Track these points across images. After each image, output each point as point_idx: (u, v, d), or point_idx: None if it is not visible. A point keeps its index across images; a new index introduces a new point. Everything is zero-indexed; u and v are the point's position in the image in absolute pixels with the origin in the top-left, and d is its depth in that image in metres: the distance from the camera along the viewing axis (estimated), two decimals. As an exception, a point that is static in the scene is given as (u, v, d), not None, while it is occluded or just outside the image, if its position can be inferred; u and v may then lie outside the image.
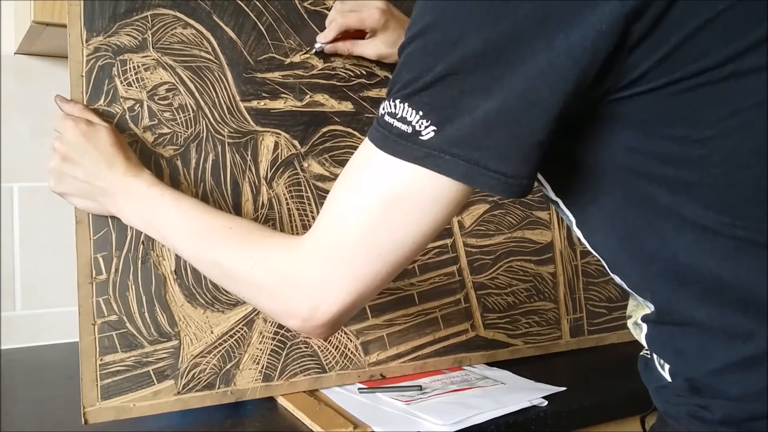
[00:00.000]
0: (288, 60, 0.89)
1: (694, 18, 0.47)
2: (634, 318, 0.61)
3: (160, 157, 0.81)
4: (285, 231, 0.87)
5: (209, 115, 0.84)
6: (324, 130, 0.91)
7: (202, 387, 0.81)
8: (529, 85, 0.48)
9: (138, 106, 0.80)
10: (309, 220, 0.89)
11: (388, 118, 0.53)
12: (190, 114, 0.83)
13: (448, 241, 0.99)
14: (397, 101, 0.52)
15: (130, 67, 0.80)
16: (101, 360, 0.76)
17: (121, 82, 0.79)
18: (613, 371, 0.99)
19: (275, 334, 0.85)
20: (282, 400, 0.84)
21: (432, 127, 0.51)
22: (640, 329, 0.59)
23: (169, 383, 0.79)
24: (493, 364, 1.01)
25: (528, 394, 0.85)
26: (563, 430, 0.83)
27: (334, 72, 0.92)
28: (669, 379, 0.57)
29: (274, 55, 0.88)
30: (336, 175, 0.87)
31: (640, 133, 0.51)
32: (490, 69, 0.48)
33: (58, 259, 1.18)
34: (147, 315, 0.79)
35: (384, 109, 0.54)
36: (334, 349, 0.89)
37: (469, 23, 0.48)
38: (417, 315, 0.95)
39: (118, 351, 0.77)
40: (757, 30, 0.47)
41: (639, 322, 0.59)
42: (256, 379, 0.84)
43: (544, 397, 0.84)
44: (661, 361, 0.58)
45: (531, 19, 0.47)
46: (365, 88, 0.94)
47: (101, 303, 0.77)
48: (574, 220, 0.60)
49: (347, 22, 0.89)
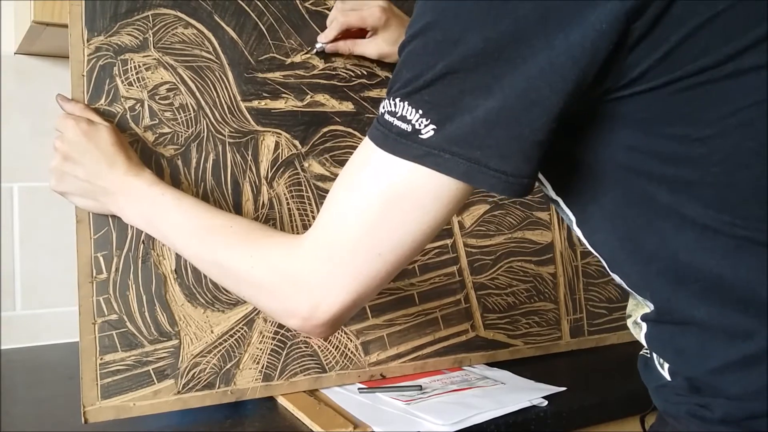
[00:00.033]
0: (289, 60, 0.89)
1: (694, 17, 0.47)
2: (634, 317, 0.61)
3: (160, 156, 0.81)
4: (285, 231, 0.87)
5: (210, 115, 0.84)
6: (325, 130, 0.91)
7: (202, 386, 0.81)
8: (529, 85, 0.48)
9: (139, 105, 0.80)
10: (309, 220, 0.89)
11: (388, 116, 0.53)
12: (190, 114, 0.83)
13: (449, 241, 0.99)
14: (397, 100, 0.52)
15: (131, 67, 0.80)
16: (101, 359, 0.76)
17: (122, 82, 0.79)
18: (613, 371, 0.99)
19: (275, 333, 0.85)
20: (282, 400, 0.84)
21: (432, 126, 0.51)
22: (639, 328, 0.59)
23: (169, 383, 0.79)
24: (493, 365, 1.01)
25: (528, 394, 0.85)
26: (563, 430, 0.83)
27: (335, 72, 0.92)
28: (669, 378, 0.57)
29: (275, 55, 0.89)
30: (336, 175, 0.87)
31: (640, 132, 0.51)
32: (491, 68, 0.48)
33: (58, 259, 1.18)
34: (147, 314, 0.79)
35: (384, 107, 0.54)
36: (334, 349, 0.89)
37: (470, 22, 0.48)
38: (417, 315, 0.95)
39: (119, 350, 0.77)
40: (757, 29, 0.47)
41: (639, 321, 0.59)
42: (256, 379, 0.84)
43: (544, 397, 0.84)
44: (660, 360, 0.58)
45: (531, 18, 0.47)
46: (366, 89, 0.94)
47: (101, 302, 0.77)
48: (574, 219, 0.60)
49: (348, 20, 0.89)
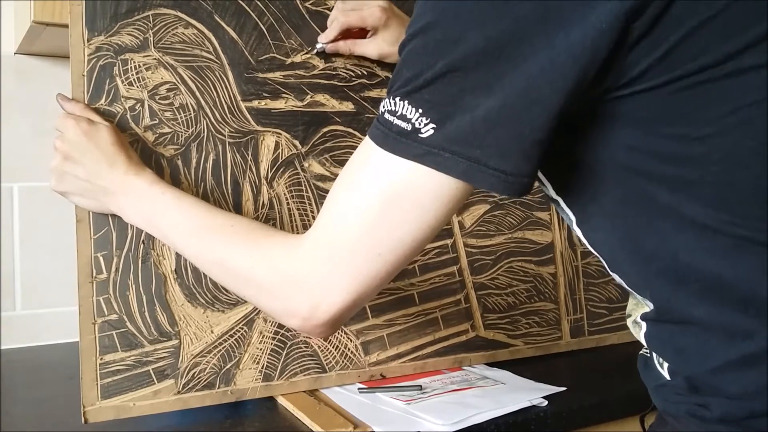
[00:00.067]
0: (289, 60, 0.89)
1: (694, 16, 0.47)
2: (634, 316, 0.61)
3: (160, 156, 0.81)
4: (285, 231, 0.87)
5: (210, 115, 0.84)
6: (325, 130, 0.91)
7: (202, 386, 0.81)
8: (530, 83, 0.48)
9: (139, 105, 0.80)
10: (309, 220, 0.89)
11: (388, 115, 0.53)
12: (191, 113, 0.83)
13: (449, 241, 0.99)
14: (397, 99, 0.52)
15: (131, 67, 0.80)
16: (101, 359, 0.76)
17: (123, 82, 0.80)
18: (613, 371, 0.99)
19: (275, 333, 0.85)
20: (282, 400, 0.84)
21: (432, 125, 0.51)
22: (639, 328, 0.59)
23: (169, 383, 0.79)
24: (493, 365, 1.01)
25: (528, 394, 0.85)
26: (563, 430, 0.83)
27: (335, 72, 0.92)
28: (668, 377, 0.57)
29: (275, 55, 0.89)
30: (336, 175, 0.87)
31: (640, 131, 0.51)
32: (492, 66, 0.48)
33: (58, 259, 1.18)
34: (147, 314, 0.79)
35: (384, 106, 0.54)
36: (334, 349, 0.89)
37: (471, 21, 0.48)
38: (417, 315, 0.95)
39: (119, 350, 0.77)
40: (756, 27, 0.47)
41: (638, 320, 0.59)
42: (256, 379, 0.84)
43: (544, 397, 0.84)
44: (660, 360, 0.58)
45: (532, 17, 0.47)
46: (366, 89, 0.94)
47: (101, 302, 0.77)
48: (574, 218, 0.60)
49: (348, 20, 0.89)
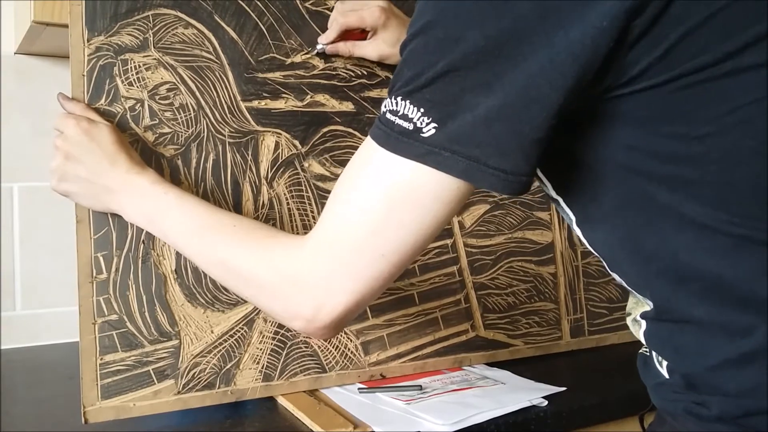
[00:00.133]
0: (289, 60, 0.89)
1: (694, 15, 0.47)
2: (634, 315, 0.61)
3: (160, 156, 0.81)
4: (285, 231, 0.87)
5: (210, 115, 0.84)
6: (325, 130, 0.91)
7: (202, 387, 0.81)
8: (529, 82, 0.48)
9: (139, 105, 0.80)
10: (309, 220, 0.89)
11: (389, 115, 0.53)
12: (191, 113, 0.83)
13: (449, 241, 0.99)
14: (399, 98, 0.52)
15: (131, 67, 0.80)
16: (101, 359, 0.76)
17: (122, 82, 0.80)
18: (613, 371, 0.99)
19: (275, 333, 0.85)
20: (282, 400, 0.84)
21: (433, 124, 0.51)
22: (639, 326, 0.59)
23: (169, 383, 0.79)
24: (493, 365, 1.01)
25: (528, 394, 0.85)
26: (563, 430, 0.83)
27: (335, 72, 0.92)
28: (667, 375, 0.57)
29: (275, 55, 0.89)
30: (337, 175, 0.87)
31: (640, 130, 0.51)
32: (492, 65, 0.48)
33: (58, 259, 1.18)
34: (147, 314, 0.79)
35: (386, 106, 0.54)
36: (334, 349, 0.89)
37: (471, 20, 0.49)
38: (417, 315, 0.95)
39: (119, 350, 0.77)
40: (756, 26, 0.47)
41: (638, 319, 0.59)
42: (256, 379, 0.83)
43: (544, 397, 0.84)
44: (659, 358, 0.58)
45: (531, 16, 0.47)
46: (366, 89, 0.94)
47: (101, 302, 0.77)
48: (574, 218, 0.60)
49: (348, 21, 0.89)
